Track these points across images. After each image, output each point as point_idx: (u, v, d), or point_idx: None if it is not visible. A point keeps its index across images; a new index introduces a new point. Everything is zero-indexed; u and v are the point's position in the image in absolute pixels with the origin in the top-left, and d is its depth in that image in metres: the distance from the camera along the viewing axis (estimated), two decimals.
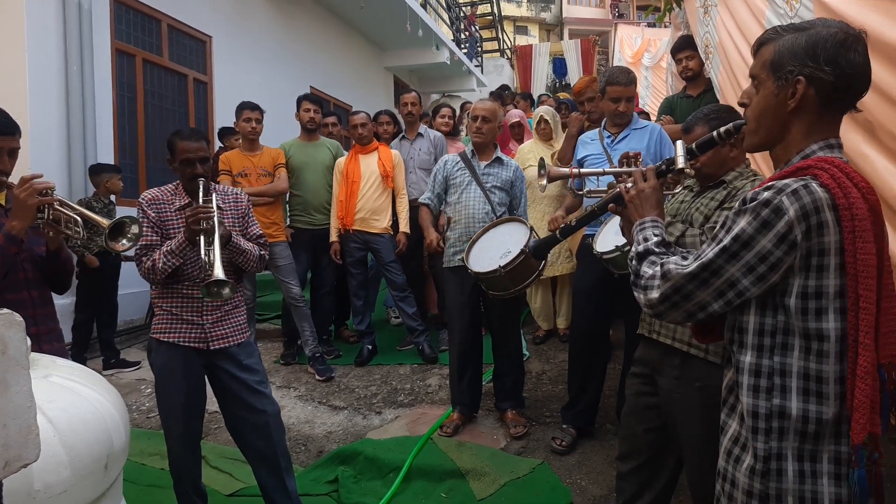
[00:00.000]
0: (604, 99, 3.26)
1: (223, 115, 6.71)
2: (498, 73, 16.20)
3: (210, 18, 6.81)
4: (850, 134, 2.13)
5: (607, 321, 3.38)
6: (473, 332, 3.41)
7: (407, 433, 3.46)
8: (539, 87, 16.29)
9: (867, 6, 1.97)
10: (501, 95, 7.39)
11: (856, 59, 1.16)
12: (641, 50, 14.35)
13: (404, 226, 4.48)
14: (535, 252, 2.17)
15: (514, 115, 5.71)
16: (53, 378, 1.58)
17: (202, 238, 2.41)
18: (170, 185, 2.63)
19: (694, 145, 1.50)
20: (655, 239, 1.38)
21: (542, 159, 2.89)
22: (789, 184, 1.13)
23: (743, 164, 2.26)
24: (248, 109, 4.38)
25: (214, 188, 2.64)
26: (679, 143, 1.52)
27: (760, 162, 2.95)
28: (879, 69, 1.91)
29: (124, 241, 2.23)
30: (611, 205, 1.60)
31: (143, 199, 2.54)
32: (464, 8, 15.41)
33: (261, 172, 4.36)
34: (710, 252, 1.20)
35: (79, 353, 4.64)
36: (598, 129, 3.40)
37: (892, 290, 1.14)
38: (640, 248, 1.37)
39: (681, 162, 1.49)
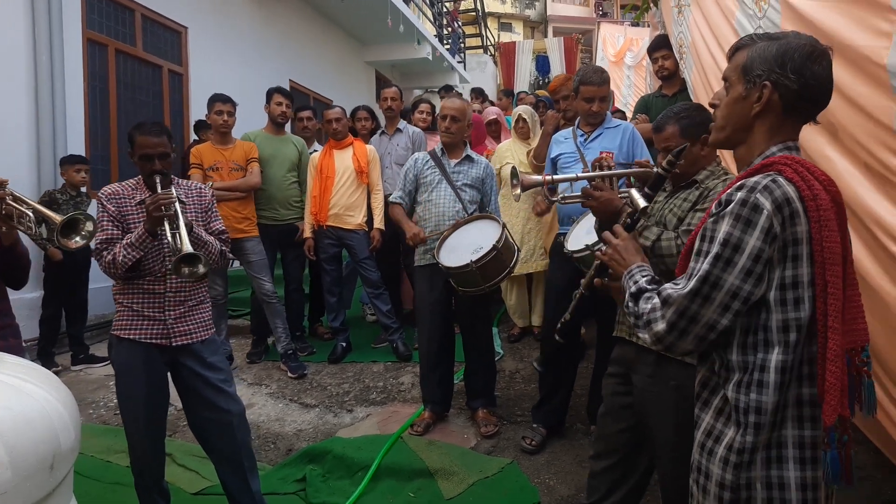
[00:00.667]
0: (577, 98, 3.26)
1: (199, 108, 6.57)
2: (481, 69, 16.18)
3: (186, 9, 6.69)
4: (814, 136, 2.14)
5: (579, 320, 3.39)
6: (444, 331, 3.40)
7: (378, 431, 3.44)
8: (522, 83, 16.30)
9: (831, 9, 1.98)
10: (482, 93, 7.38)
11: (820, 72, 1.23)
12: (624, 49, 14.39)
13: (379, 222, 4.45)
14: (562, 335, 1.97)
15: (491, 112, 5.69)
16: None
17: (167, 223, 2.36)
18: (131, 180, 2.57)
19: (646, 189, 1.58)
20: (646, 278, 1.38)
21: (513, 168, 2.88)
22: (759, 181, 1.18)
23: (714, 163, 2.27)
24: (219, 102, 4.31)
25: (177, 182, 2.60)
26: (632, 191, 1.59)
27: (730, 160, 2.96)
28: (841, 72, 1.92)
29: (77, 239, 2.18)
30: (596, 280, 1.62)
31: (102, 193, 2.49)
32: (447, 4, 15.34)
33: (233, 166, 4.28)
34: (704, 264, 1.20)
35: (46, 349, 4.55)
36: (571, 128, 3.40)
37: (853, 279, 1.22)
38: (633, 288, 1.37)
39: (641, 203, 1.56)
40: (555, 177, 2.79)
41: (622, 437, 2.10)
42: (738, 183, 1.21)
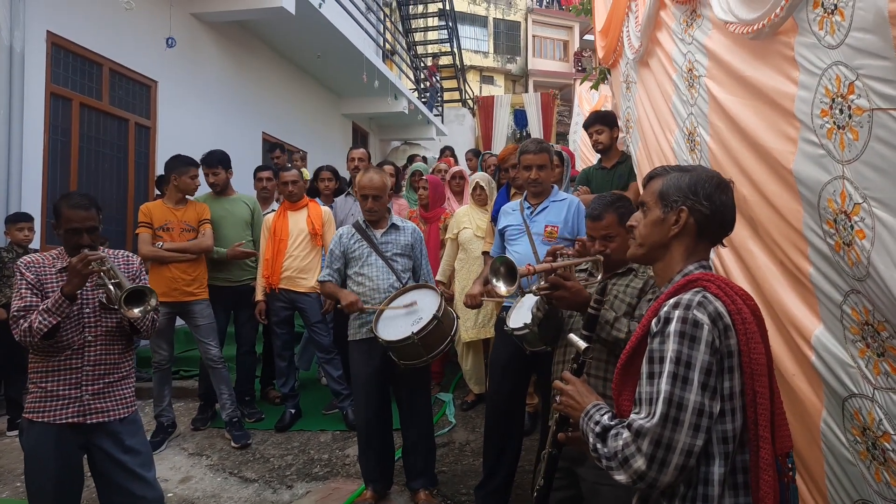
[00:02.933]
0: (519, 168, 3.29)
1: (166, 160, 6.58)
2: (459, 122, 16.44)
3: (157, 63, 6.73)
4: (738, 229, 2.14)
5: (522, 395, 3.32)
6: (382, 406, 3.29)
7: None
8: (500, 137, 16.56)
9: (748, 107, 2.01)
10: (454, 152, 7.50)
11: (727, 201, 1.40)
12: (598, 105, 14.72)
13: None
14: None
15: (456, 167, 5.74)
16: None
17: (105, 278, 2.34)
18: (53, 251, 2.51)
19: (582, 331, 1.71)
20: (606, 415, 1.37)
21: (508, 263, 2.68)
22: (691, 298, 1.26)
23: None
24: (193, 167, 4.27)
25: (104, 251, 2.54)
26: (571, 336, 1.66)
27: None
28: (758, 169, 1.94)
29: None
30: (559, 435, 1.61)
31: (21, 261, 2.42)
32: (425, 59, 15.69)
33: (184, 227, 4.21)
34: (662, 385, 1.22)
35: None
36: (519, 201, 3.41)
37: (777, 388, 1.29)
38: (597, 429, 1.34)
39: (582, 345, 1.62)
40: (537, 266, 2.69)
41: None
42: (674, 300, 1.28)
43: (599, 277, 2.31)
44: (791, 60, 1.70)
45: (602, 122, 4.13)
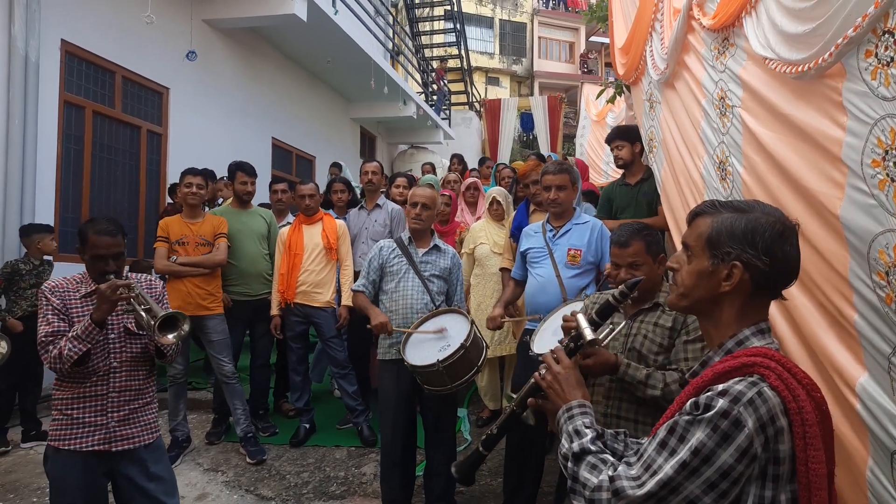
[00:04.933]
0: (539, 186, 3.31)
1: (178, 168, 6.54)
2: (466, 125, 16.42)
3: (169, 70, 6.72)
4: None
5: (544, 417, 3.30)
6: (408, 428, 3.27)
7: None
8: (506, 140, 16.56)
9: (790, 147, 1.98)
10: (463, 160, 7.46)
11: (790, 251, 1.18)
12: (605, 110, 14.63)
13: (347, 299, 4.36)
14: (461, 474, 1.79)
15: (469, 180, 5.73)
16: None
17: (135, 304, 2.34)
18: (76, 275, 2.50)
19: (594, 313, 1.49)
20: (590, 434, 1.27)
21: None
22: (743, 392, 1.08)
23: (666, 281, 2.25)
24: (189, 175, 4.25)
25: (127, 276, 2.53)
26: (579, 316, 1.46)
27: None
28: (801, 210, 1.91)
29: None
30: (530, 399, 1.51)
31: (45, 287, 2.40)
32: (433, 62, 15.66)
33: (199, 241, 4.20)
34: (667, 467, 1.09)
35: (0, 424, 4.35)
36: (541, 222, 3.39)
37: (836, 499, 1.13)
38: (576, 447, 1.25)
39: (588, 334, 1.44)
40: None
41: None
42: (721, 388, 1.10)
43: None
44: (838, 105, 1.67)
45: (623, 137, 4.08)
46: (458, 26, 15.26)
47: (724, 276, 1.20)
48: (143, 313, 2.35)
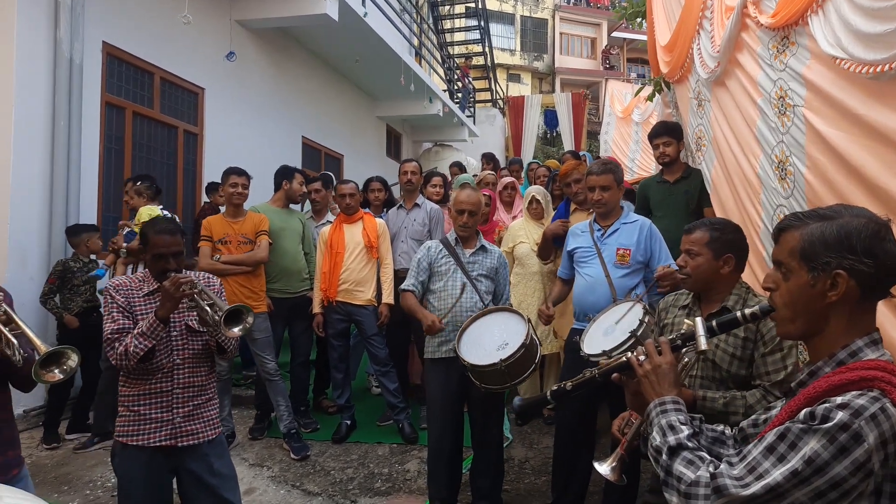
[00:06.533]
0: (583, 185, 3.32)
1: (212, 167, 6.66)
2: (490, 122, 16.39)
3: (204, 71, 6.81)
4: None
5: (593, 416, 3.30)
6: (456, 426, 3.29)
7: None
8: (530, 137, 16.52)
9: (860, 146, 1.96)
10: (493, 158, 7.44)
11: (892, 250, 1.13)
12: (631, 106, 14.55)
13: (387, 296, 4.40)
14: (521, 409, 1.85)
15: (506, 179, 5.72)
16: None
17: (199, 298, 2.38)
18: (138, 273, 2.57)
19: (715, 323, 1.44)
20: (686, 431, 1.27)
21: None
22: (865, 406, 1.05)
23: (738, 285, 2.22)
24: (234, 174, 4.32)
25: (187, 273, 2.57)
26: (698, 320, 1.42)
27: (758, 269, 2.90)
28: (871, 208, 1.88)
29: (56, 372, 1.92)
30: (615, 374, 1.51)
31: (110, 285, 2.46)
32: (457, 59, 15.66)
33: (241, 240, 4.25)
34: (776, 473, 1.08)
35: (53, 418, 4.46)
36: (588, 221, 3.38)
37: None
38: (672, 441, 1.25)
39: (703, 343, 1.38)
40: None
41: None
42: (841, 400, 1.07)
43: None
44: None
45: (671, 133, 4.00)
46: (482, 23, 15.23)
47: (828, 286, 1.16)
48: (206, 308, 2.40)
